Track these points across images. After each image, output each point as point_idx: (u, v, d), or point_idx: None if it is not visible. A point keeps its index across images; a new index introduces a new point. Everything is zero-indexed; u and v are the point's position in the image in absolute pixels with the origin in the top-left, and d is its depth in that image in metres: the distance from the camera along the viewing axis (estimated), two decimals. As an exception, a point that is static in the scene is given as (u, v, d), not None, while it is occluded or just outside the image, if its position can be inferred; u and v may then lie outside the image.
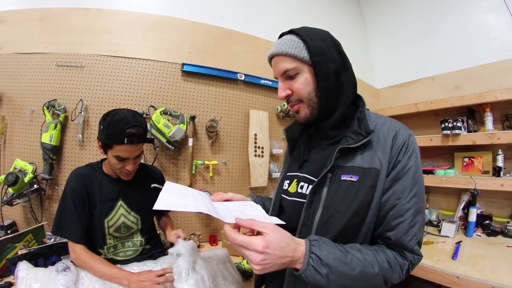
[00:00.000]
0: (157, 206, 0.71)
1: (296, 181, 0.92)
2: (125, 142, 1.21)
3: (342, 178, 0.79)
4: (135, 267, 1.27)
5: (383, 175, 0.77)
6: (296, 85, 0.83)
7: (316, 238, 0.73)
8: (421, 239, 0.79)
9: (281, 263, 0.67)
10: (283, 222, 0.78)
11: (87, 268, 1.21)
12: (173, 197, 0.80)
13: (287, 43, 0.83)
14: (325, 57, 0.81)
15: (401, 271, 0.76)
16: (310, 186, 0.85)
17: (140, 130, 1.27)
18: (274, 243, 0.66)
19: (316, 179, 0.82)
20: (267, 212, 1.03)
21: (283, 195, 0.97)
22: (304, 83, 0.83)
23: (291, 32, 0.86)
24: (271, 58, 0.89)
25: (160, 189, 0.81)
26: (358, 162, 0.79)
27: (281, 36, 0.89)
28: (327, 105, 0.84)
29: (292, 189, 0.93)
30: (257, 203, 1.04)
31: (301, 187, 0.90)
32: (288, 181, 0.96)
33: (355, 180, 0.78)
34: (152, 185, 1.39)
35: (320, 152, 0.91)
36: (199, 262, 1.27)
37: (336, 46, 0.85)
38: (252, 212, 0.85)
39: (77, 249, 1.25)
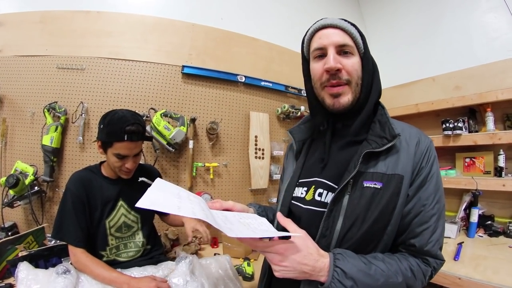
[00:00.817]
0: (142, 203, 0.62)
1: (314, 187, 0.85)
2: (125, 139, 1.25)
3: (365, 185, 0.75)
4: (135, 272, 1.27)
5: (406, 182, 0.75)
6: (350, 63, 0.79)
7: (340, 252, 0.71)
8: (442, 243, 0.78)
9: (301, 270, 0.67)
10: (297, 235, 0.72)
11: (87, 272, 1.21)
12: (163, 196, 0.68)
13: (348, 25, 0.80)
14: (370, 55, 0.83)
15: (424, 278, 0.75)
16: (329, 194, 0.80)
17: (140, 127, 1.30)
18: (295, 248, 0.67)
19: (336, 186, 0.78)
20: (266, 215, 0.98)
21: (295, 202, 0.89)
22: (357, 65, 0.80)
23: (344, 20, 0.82)
24: (322, 28, 0.82)
25: (149, 185, 0.70)
26: (381, 168, 0.75)
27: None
28: (364, 98, 0.82)
29: (308, 196, 0.86)
30: (260, 214, 0.98)
31: (320, 195, 0.83)
32: (305, 188, 0.88)
33: (379, 187, 0.74)
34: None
35: (340, 154, 0.85)
36: (199, 269, 1.28)
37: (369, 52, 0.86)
38: (258, 225, 0.75)
39: (77, 253, 1.25)
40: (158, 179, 0.75)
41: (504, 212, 2.21)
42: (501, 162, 2.12)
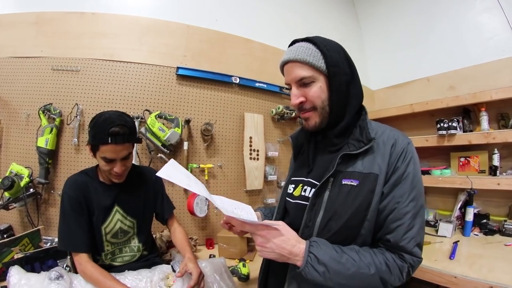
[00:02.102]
0: (161, 173, 0.79)
1: (301, 185, 0.96)
2: (109, 141, 1.19)
3: (343, 183, 0.83)
4: (129, 276, 1.25)
5: (381, 180, 0.81)
6: (311, 93, 0.86)
7: (315, 240, 0.80)
8: (420, 242, 0.81)
9: (279, 253, 0.78)
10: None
11: (93, 283, 1.18)
12: (176, 173, 0.84)
13: (305, 51, 0.85)
14: (339, 69, 0.85)
15: (401, 273, 0.79)
16: (313, 190, 0.88)
17: (125, 129, 1.23)
18: (276, 233, 0.79)
19: (318, 183, 0.86)
20: (272, 215, 1.13)
21: (287, 198, 1.01)
22: (319, 91, 0.86)
23: (306, 40, 0.88)
24: (284, 64, 0.90)
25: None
26: (359, 168, 0.83)
27: (293, 43, 0.91)
28: (337, 114, 0.88)
29: (296, 192, 0.97)
30: (267, 216, 1.15)
31: (305, 191, 0.94)
32: (293, 185, 1.00)
33: (355, 184, 0.81)
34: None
35: (324, 158, 0.94)
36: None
37: (347, 59, 0.89)
38: (244, 213, 0.91)
39: (82, 261, 1.22)
40: (172, 160, 0.92)
41: (499, 211, 2.23)
42: (496, 161, 2.14)
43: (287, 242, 0.78)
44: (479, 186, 2.11)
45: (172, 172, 0.81)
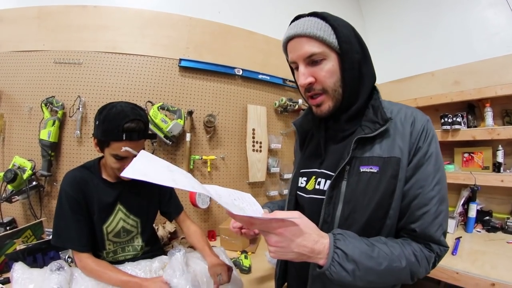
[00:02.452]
0: (127, 173, 0.55)
1: (314, 178, 0.88)
2: (124, 138, 1.10)
3: (361, 170, 0.75)
4: (129, 267, 1.25)
5: (404, 164, 0.73)
6: (322, 72, 0.76)
7: (340, 232, 0.70)
8: (446, 229, 0.75)
9: (298, 252, 0.64)
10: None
11: (95, 277, 1.15)
12: (153, 167, 0.63)
13: (314, 24, 0.75)
14: (351, 46, 0.76)
15: (428, 264, 0.73)
16: (328, 181, 0.80)
17: (141, 124, 1.15)
18: (294, 229, 0.64)
19: (333, 174, 0.78)
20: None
21: (299, 193, 0.92)
22: (331, 71, 0.76)
23: (314, 14, 0.78)
24: (290, 40, 0.79)
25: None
26: (377, 152, 0.75)
27: (297, 18, 0.81)
28: (350, 97, 0.79)
29: (310, 186, 0.88)
30: (272, 210, 1.02)
31: (319, 183, 0.85)
32: (305, 178, 0.91)
33: (376, 171, 0.74)
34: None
35: (336, 145, 0.86)
36: (193, 262, 1.29)
37: (357, 36, 0.80)
38: (246, 205, 0.74)
39: (82, 258, 1.18)
40: (142, 151, 0.69)
41: (502, 208, 2.22)
42: (500, 158, 2.13)
43: (308, 239, 0.65)
44: (482, 183, 2.10)
45: (145, 168, 0.60)
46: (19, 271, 1.15)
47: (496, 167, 2.14)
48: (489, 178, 2.08)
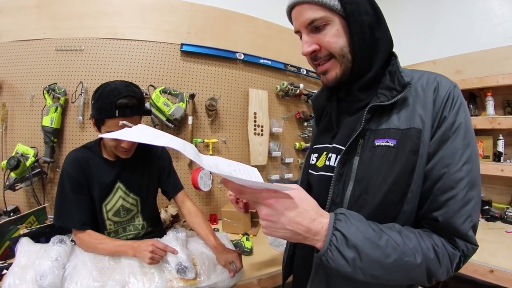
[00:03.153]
0: (117, 134, 0.56)
1: (325, 154, 0.79)
2: (117, 114, 1.10)
3: (376, 144, 0.65)
4: None
5: (426, 137, 0.62)
6: (326, 38, 0.70)
7: (343, 212, 0.59)
8: (477, 223, 0.61)
9: (292, 230, 0.55)
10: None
11: (92, 250, 1.17)
12: (143, 132, 0.60)
13: None
14: (358, 6, 0.68)
15: (450, 264, 0.60)
16: (339, 157, 0.71)
17: (134, 100, 1.14)
18: (288, 202, 0.55)
19: (344, 148, 0.69)
20: None
21: (310, 171, 0.84)
22: (336, 35, 0.69)
23: None
24: (291, 8, 0.74)
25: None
26: (395, 123, 0.65)
27: None
28: (361, 63, 0.71)
29: (320, 162, 0.80)
30: None
31: (329, 159, 0.76)
32: (316, 155, 0.83)
33: (392, 145, 0.63)
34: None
35: (350, 117, 0.77)
36: (194, 243, 1.30)
37: None
38: (245, 177, 0.63)
39: (80, 235, 1.21)
40: (141, 124, 0.69)
41: (502, 198, 2.23)
42: (500, 147, 2.15)
43: (304, 215, 0.55)
44: (482, 172, 2.02)
45: (140, 133, 0.58)
46: (25, 245, 1.17)
47: (497, 157, 2.16)
48: (489, 168, 2.10)
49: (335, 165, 0.73)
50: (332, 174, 0.71)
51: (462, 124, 0.62)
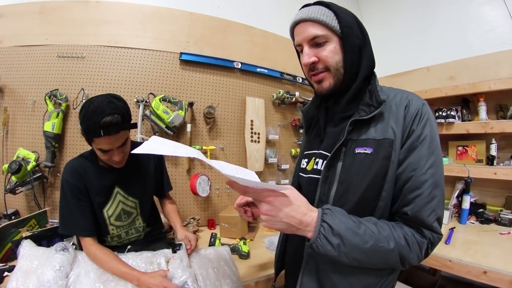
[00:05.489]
0: (140, 150, 0.64)
1: (314, 159, 0.91)
2: (102, 134, 1.11)
3: (356, 151, 0.77)
4: (130, 256, 1.26)
5: (397, 146, 0.74)
6: (325, 53, 0.81)
7: (329, 207, 0.72)
8: (441, 216, 0.73)
9: (287, 222, 0.68)
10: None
11: (98, 263, 1.18)
12: (160, 145, 0.71)
13: (318, 11, 0.81)
14: (352, 31, 0.81)
15: (420, 250, 0.72)
16: (325, 162, 0.83)
17: (118, 117, 1.14)
18: (284, 200, 0.68)
19: (329, 154, 0.81)
20: None
21: (300, 174, 0.96)
22: (333, 51, 0.81)
23: (318, 3, 0.85)
24: (296, 24, 0.85)
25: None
26: (372, 134, 0.77)
27: (304, 6, 0.86)
28: (350, 78, 0.83)
29: (309, 166, 0.92)
30: None
31: (317, 163, 0.89)
32: (306, 160, 0.95)
33: (369, 152, 0.76)
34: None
35: (334, 127, 0.89)
36: (197, 260, 1.31)
37: (358, 24, 0.84)
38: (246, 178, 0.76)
39: (87, 244, 1.22)
40: (153, 136, 0.78)
41: (495, 201, 2.26)
42: (493, 151, 2.17)
43: (297, 210, 0.68)
44: (476, 175, 2.14)
45: (153, 146, 0.69)
46: (27, 248, 1.20)
47: (490, 160, 2.18)
48: (483, 171, 2.12)
49: (321, 169, 0.84)
50: (319, 177, 0.83)
51: (428, 136, 0.74)
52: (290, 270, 1.03)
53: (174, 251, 1.28)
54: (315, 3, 0.86)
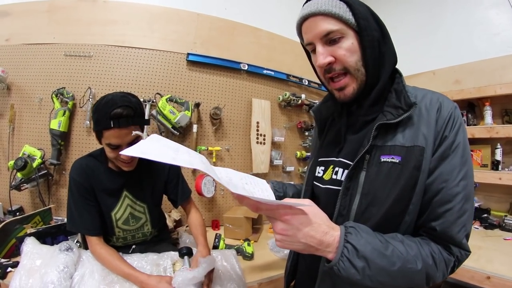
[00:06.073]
0: (128, 151, 0.54)
1: (332, 167, 0.82)
2: (112, 125, 1.07)
3: (382, 160, 0.69)
4: (135, 257, 1.25)
5: (428, 154, 0.66)
6: (342, 51, 0.70)
7: (353, 225, 0.64)
8: (469, 232, 0.67)
9: (306, 243, 0.59)
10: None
11: (103, 263, 1.16)
12: (158, 147, 0.61)
13: (328, 2, 0.70)
14: (369, 23, 0.71)
15: (446, 268, 0.65)
16: (346, 171, 0.74)
17: (129, 110, 1.10)
18: (302, 218, 0.59)
19: (352, 163, 0.72)
20: (283, 191, 1.02)
21: (316, 183, 0.87)
22: (351, 49, 0.71)
23: None
24: (304, 20, 0.74)
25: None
26: (400, 141, 0.68)
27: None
28: (373, 78, 0.73)
29: (327, 176, 0.82)
30: (277, 190, 1.01)
31: (336, 173, 0.79)
32: (323, 168, 0.86)
33: (397, 161, 0.67)
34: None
35: (356, 132, 0.80)
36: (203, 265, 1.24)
37: (373, 14, 0.75)
38: (257, 191, 0.68)
39: (92, 244, 1.20)
40: (153, 134, 0.70)
41: (500, 206, 2.25)
42: (498, 156, 2.16)
43: (317, 229, 0.59)
44: (481, 180, 2.12)
45: (149, 148, 0.59)
46: (30, 245, 1.19)
47: (495, 165, 2.17)
48: (488, 176, 2.11)
49: (342, 179, 0.76)
50: (339, 188, 0.74)
51: (461, 144, 0.66)
52: (302, 285, 0.96)
53: (181, 256, 1.23)
54: None
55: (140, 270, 1.16)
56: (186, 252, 1.21)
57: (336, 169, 0.80)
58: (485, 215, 2.21)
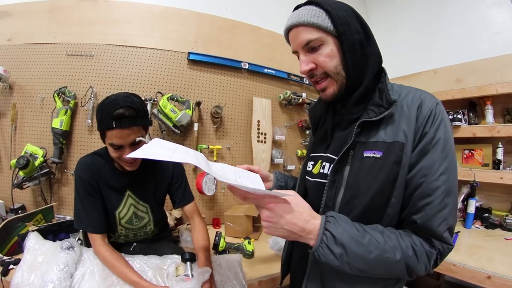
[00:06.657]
0: (133, 154, 0.59)
1: (320, 162, 0.87)
2: (114, 126, 1.08)
3: (365, 155, 0.73)
4: (138, 260, 1.24)
5: (408, 149, 0.69)
6: (321, 57, 0.76)
7: (333, 215, 0.68)
8: (452, 226, 0.68)
9: (289, 229, 0.64)
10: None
11: (107, 266, 1.16)
12: (158, 149, 0.66)
13: (307, 12, 0.76)
14: (349, 27, 0.74)
15: (428, 261, 0.67)
16: (331, 166, 0.79)
17: (131, 111, 1.11)
18: (285, 206, 0.63)
19: (336, 158, 0.77)
20: (285, 182, 1.06)
21: (306, 177, 0.92)
22: (330, 55, 0.75)
23: (309, 3, 0.79)
24: (288, 31, 0.81)
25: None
26: (382, 137, 0.72)
27: (296, 8, 0.81)
28: (354, 79, 0.77)
29: (315, 170, 0.88)
30: (279, 180, 1.05)
31: (323, 167, 0.84)
32: (312, 162, 0.91)
33: (379, 156, 0.71)
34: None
35: (342, 129, 0.85)
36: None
37: (357, 17, 0.78)
38: (248, 183, 0.74)
39: (97, 244, 1.20)
40: (155, 138, 0.72)
41: (501, 206, 2.24)
42: (500, 155, 2.15)
43: (299, 217, 0.64)
44: (482, 179, 2.12)
45: (150, 150, 0.64)
46: (33, 241, 1.20)
47: (496, 165, 2.16)
48: (489, 175, 2.10)
49: (328, 173, 0.80)
50: (326, 181, 0.79)
51: (441, 139, 0.69)
52: (295, 274, 1.01)
53: (183, 260, 1.21)
54: (305, 3, 0.80)
55: (144, 277, 1.14)
56: (189, 258, 1.19)
57: (324, 163, 0.85)
58: (486, 214, 2.19)
